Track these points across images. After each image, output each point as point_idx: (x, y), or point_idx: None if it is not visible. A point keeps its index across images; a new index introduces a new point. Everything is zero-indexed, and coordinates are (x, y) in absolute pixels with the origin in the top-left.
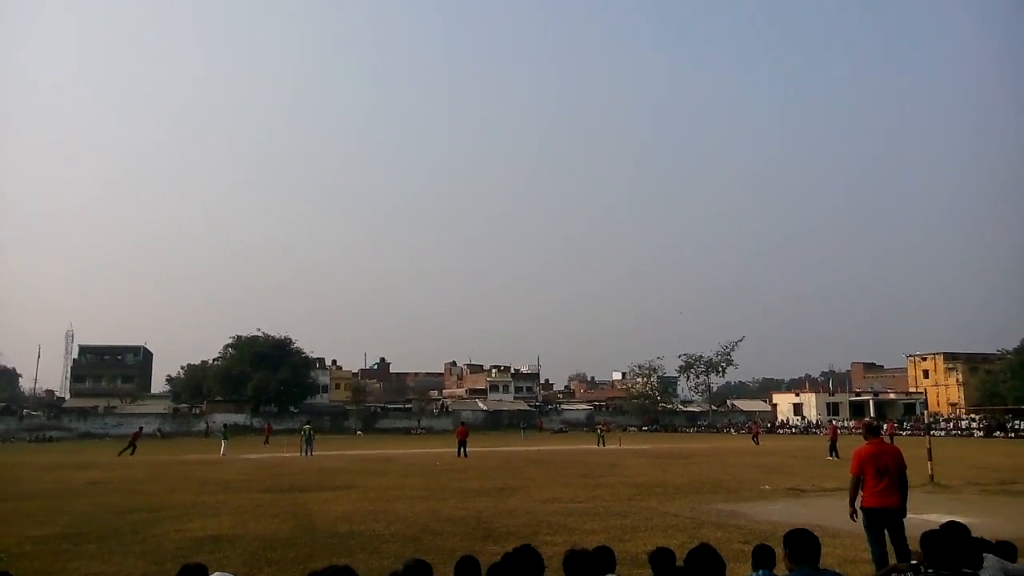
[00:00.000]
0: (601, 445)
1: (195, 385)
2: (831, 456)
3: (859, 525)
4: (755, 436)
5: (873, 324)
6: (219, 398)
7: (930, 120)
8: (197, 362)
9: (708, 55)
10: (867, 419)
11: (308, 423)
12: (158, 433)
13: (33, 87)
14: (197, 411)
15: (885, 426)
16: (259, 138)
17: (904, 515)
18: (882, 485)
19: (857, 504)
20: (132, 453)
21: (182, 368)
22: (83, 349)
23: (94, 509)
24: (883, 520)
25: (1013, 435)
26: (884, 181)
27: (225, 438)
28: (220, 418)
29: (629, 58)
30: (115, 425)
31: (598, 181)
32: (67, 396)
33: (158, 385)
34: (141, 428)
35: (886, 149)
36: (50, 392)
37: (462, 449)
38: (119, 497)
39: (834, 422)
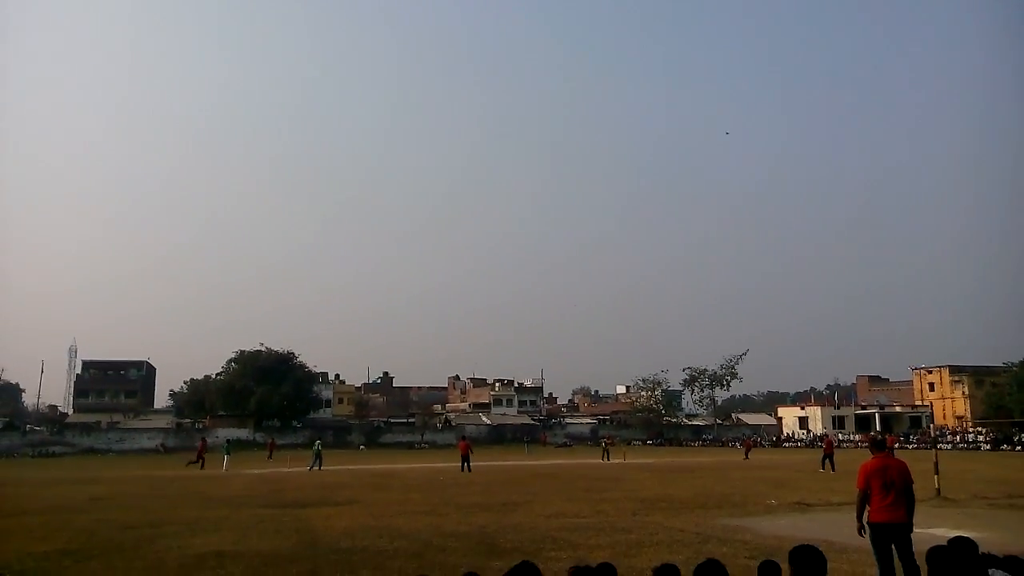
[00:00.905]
0: (605, 459)
1: (198, 400)
2: (823, 469)
3: (866, 540)
4: (748, 451)
5: (878, 337)
6: (222, 413)
7: (935, 130)
8: (200, 377)
9: (710, 65)
10: (872, 433)
11: (319, 439)
12: (161, 448)
13: (36, 101)
14: (200, 426)
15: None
16: (266, 154)
17: (911, 530)
18: (888, 499)
19: (864, 519)
20: (201, 467)
21: (185, 383)
22: (86, 364)
23: (96, 525)
24: (890, 535)
25: (1020, 448)
26: (889, 193)
27: (228, 453)
28: (223, 433)
29: (628, 78)
30: (118, 440)
31: (601, 194)
32: (70, 411)
33: (161, 400)
34: (205, 439)
35: (891, 160)
36: (53, 408)
37: (465, 464)
38: (121, 513)
39: (829, 435)
